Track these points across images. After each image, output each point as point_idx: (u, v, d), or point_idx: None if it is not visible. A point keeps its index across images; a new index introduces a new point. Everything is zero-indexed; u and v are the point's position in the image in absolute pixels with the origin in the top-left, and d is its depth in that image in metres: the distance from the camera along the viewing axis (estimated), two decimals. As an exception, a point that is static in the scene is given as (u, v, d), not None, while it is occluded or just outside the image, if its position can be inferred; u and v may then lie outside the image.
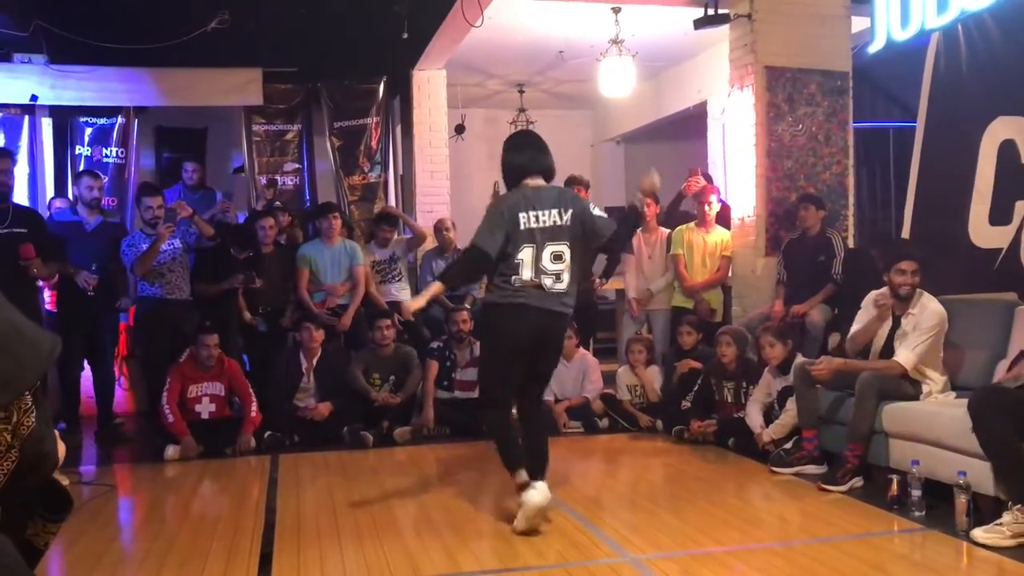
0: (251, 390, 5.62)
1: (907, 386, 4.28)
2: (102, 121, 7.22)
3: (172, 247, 5.98)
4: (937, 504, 3.70)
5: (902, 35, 5.14)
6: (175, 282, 5.99)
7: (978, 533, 3.30)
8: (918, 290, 4.37)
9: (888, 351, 4.40)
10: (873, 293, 4.56)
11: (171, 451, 5.26)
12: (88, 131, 7.18)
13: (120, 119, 7.23)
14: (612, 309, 8.15)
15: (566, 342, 5.14)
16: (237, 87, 7.25)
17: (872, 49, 5.51)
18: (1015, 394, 3.49)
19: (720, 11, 5.97)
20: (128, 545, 3.80)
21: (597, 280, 6.91)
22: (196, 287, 6.32)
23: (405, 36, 6.36)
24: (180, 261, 6.04)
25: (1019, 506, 3.28)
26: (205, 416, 5.54)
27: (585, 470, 5.01)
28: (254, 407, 5.54)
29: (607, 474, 5.01)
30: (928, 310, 4.32)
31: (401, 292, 6.87)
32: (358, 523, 3.84)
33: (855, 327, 4.61)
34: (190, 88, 7.19)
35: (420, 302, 3.99)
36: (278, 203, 7.37)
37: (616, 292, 7.76)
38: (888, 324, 4.46)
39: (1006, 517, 3.29)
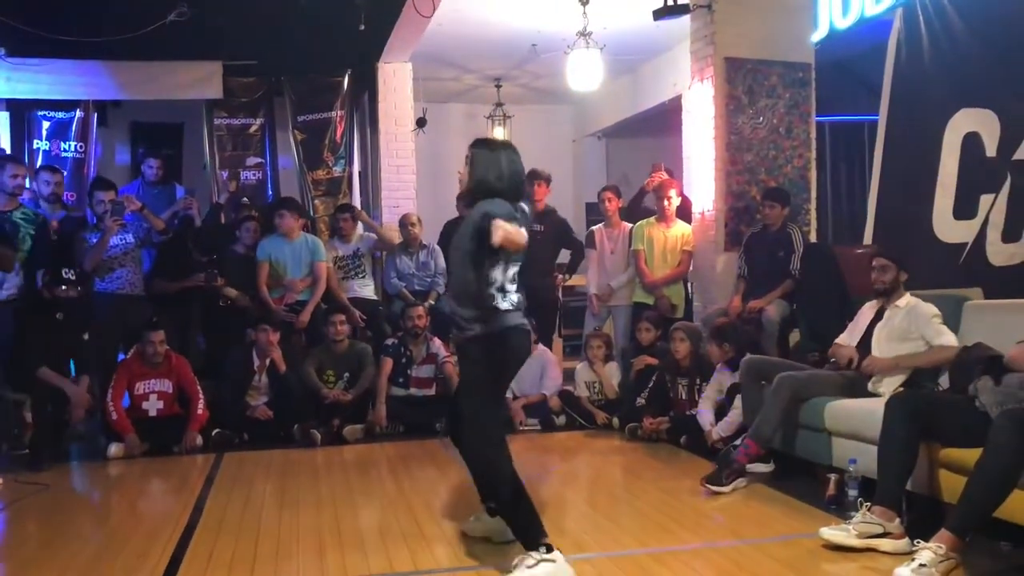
0: (199, 388, 5.53)
1: (863, 383, 4.18)
2: (60, 115, 7.12)
3: (123, 241, 5.91)
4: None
5: (843, 23, 5.03)
6: (126, 277, 5.93)
7: (825, 531, 3.21)
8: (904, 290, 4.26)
9: (867, 342, 4.26)
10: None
11: (114, 449, 5.19)
12: (46, 125, 7.09)
13: (79, 113, 7.13)
14: (583, 306, 8.06)
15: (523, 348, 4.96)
16: (197, 80, 7.14)
17: (815, 38, 5.40)
18: (930, 396, 3.40)
19: (680, 2, 5.86)
20: (38, 546, 3.67)
21: (560, 276, 6.82)
22: (155, 284, 6.27)
23: (362, 28, 6.25)
24: (132, 256, 5.98)
25: (869, 505, 3.21)
26: (153, 413, 5.47)
27: (531, 469, 4.89)
28: (201, 404, 5.47)
29: (551, 473, 4.90)
30: (921, 304, 4.19)
31: (364, 289, 6.79)
32: (281, 524, 3.75)
33: (843, 337, 4.45)
34: (149, 81, 7.09)
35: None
36: (245, 199, 7.31)
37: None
38: (871, 316, 4.35)
39: (856, 516, 3.22)
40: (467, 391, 3.25)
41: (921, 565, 2.75)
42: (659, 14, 5.95)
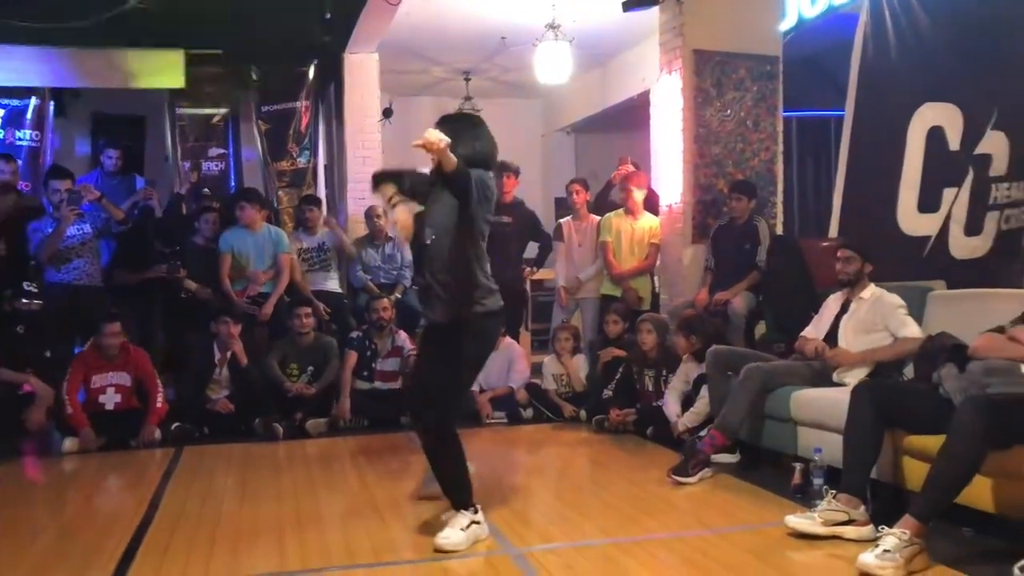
0: (159, 381, 5.41)
1: (828, 374, 4.18)
2: (15, 102, 6.95)
3: (80, 232, 5.78)
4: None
5: (811, 11, 5.04)
6: (83, 268, 5.80)
7: (791, 519, 3.20)
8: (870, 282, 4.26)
9: (833, 334, 4.26)
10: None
11: (68, 443, 5.06)
12: (0, 112, 6.91)
13: (35, 100, 6.96)
14: (551, 301, 8.02)
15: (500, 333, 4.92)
16: (158, 69, 7.00)
17: (783, 27, 5.40)
18: (894, 390, 3.40)
19: (650, -7, 5.85)
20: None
21: (528, 269, 6.78)
22: (115, 275, 6.14)
23: (328, 16, 6.17)
24: (89, 246, 5.84)
25: (834, 493, 3.21)
26: (110, 407, 5.34)
27: (496, 461, 4.86)
28: (160, 398, 5.35)
29: (519, 466, 4.87)
30: (886, 295, 4.19)
31: (328, 282, 6.69)
32: (240, 519, 3.67)
33: (809, 329, 4.45)
34: (108, 70, 6.93)
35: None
36: (206, 189, 7.18)
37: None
38: (836, 308, 4.35)
39: (821, 504, 3.21)
40: (460, 366, 3.28)
41: (885, 551, 2.74)
42: (628, 5, 5.96)
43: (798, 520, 3.19)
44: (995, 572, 2.76)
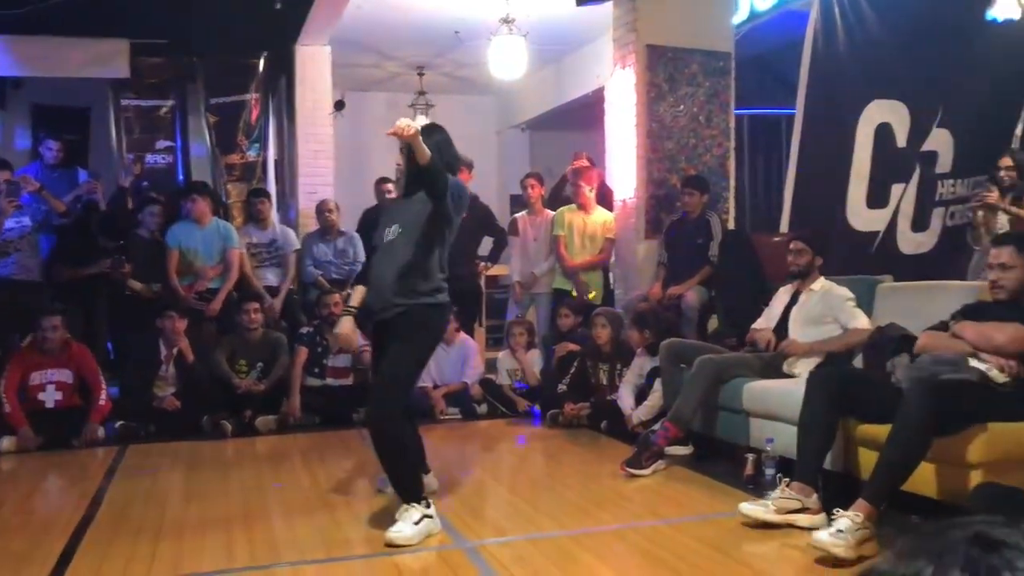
0: (102, 377, 5.26)
1: (779, 365, 4.20)
2: (-53, 92, 6.72)
3: (19, 224, 5.59)
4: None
5: (764, 5, 5.08)
6: (21, 261, 5.62)
7: (745, 506, 3.22)
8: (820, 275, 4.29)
9: (784, 325, 4.29)
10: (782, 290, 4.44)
11: (5, 443, 4.88)
12: (-68, 102, 6.67)
13: (-31, 90, 6.73)
14: (506, 297, 7.99)
15: (448, 326, 4.89)
16: (101, 58, 6.79)
17: (737, 20, 5.45)
18: (847, 378, 3.43)
19: (602, -13, 5.85)
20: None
21: (482, 264, 6.73)
22: (56, 270, 5.96)
23: (278, 6, 6.05)
24: (28, 240, 5.66)
25: (787, 481, 3.23)
26: (50, 405, 5.16)
27: (451, 456, 4.81)
28: (103, 395, 5.19)
29: (473, 461, 4.82)
30: (836, 288, 4.23)
31: (278, 277, 6.56)
32: (186, 517, 3.56)
33: (760, 320, 4.47)
34: (48, 58, 6.69)
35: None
36: (146, 183, 7.00)
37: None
38: (786, 299, 4.37)
39: (775, 492, 3.24)
40: (407, 358, 3.30)
41: (839, 531, 2.78)
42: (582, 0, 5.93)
43: (752, 508, 3.20)
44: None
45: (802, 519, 3.14)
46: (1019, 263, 3.16)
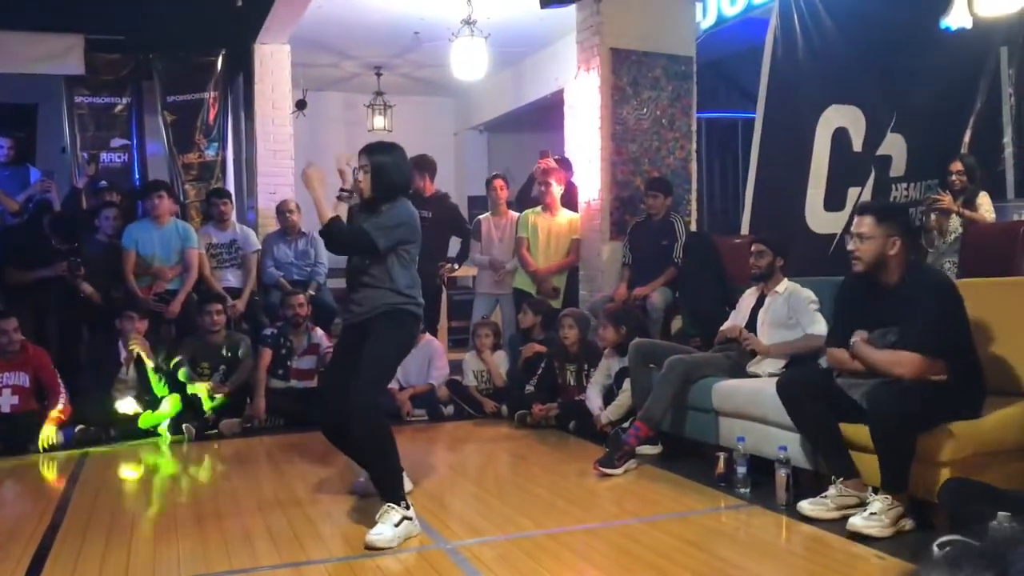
0: (60, 380, 5.13)
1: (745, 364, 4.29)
2: None
3: (-31, 225, 5.42)
4: (762, 480, 3.66)
5: (731, 10, 5.18)
6: (-29, 264, 5.43)
7: (804, 506, 3.28)
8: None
9: (752, 327, 4.36)
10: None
11: (-40, 449, 4.74)
12: None
13: (-85, 84, 6.51)
14: (469, 299, 7.98)
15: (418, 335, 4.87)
16: (55, 54, 6.61)
17: (704, 25, 5.54)
18: (823, 377, 3.51)
19: (567, -10, 5.89)
20: None
21: (448, 266, 6.72)
22: (6, 272, 5.78)
23: (239, 3, 5.97)
24: (-23, 241, 5.48)
25: (842, 480, 3.28)
26: (6, 410, 5.02)
27: (421, 458, 4.79)
28: (62, 399, 5.07)
29: (442, 462, 4.81)
30: (800, 290, 4.31)
31: (238, 278, 6.47)
32: (158, 520, 3.51)
33: (727, 323, 4.54)
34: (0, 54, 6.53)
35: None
36: (104, 182, 6.84)
37: (473, 280, 7.58)
38: (752, 301, 4.45)
39: (831, 490, 3.29)
40: (381, 361, 3.36)
41: (872, 513, 2.93)
42: (546, 2, 5.98)
43: (812, 507, 3.25)
44: (914, 553, 2.88)
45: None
46: (877, 234, 3.17)
